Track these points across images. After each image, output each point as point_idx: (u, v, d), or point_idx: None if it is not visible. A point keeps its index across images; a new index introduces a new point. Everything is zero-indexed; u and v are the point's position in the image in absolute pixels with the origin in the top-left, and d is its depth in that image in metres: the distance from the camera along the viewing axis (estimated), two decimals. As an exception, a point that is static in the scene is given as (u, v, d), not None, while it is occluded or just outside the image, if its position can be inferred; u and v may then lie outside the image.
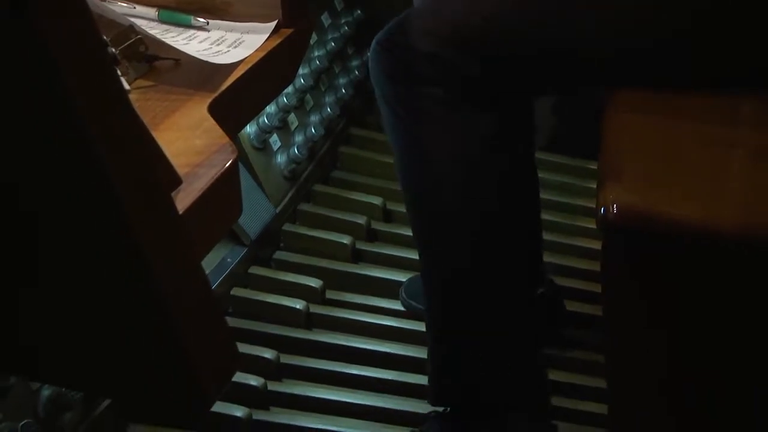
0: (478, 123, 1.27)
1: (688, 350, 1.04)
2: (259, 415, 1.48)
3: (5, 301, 0.75)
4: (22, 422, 1.23)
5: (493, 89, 1.26)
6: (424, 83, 1.26)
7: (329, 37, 2.06)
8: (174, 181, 0.74)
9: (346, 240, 1.81)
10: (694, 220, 0.94)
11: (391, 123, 1.33)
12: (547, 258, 1.64)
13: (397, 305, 1.71)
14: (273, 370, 1.56)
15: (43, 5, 0.56)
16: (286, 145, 1.88)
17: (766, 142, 1.04)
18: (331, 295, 1.73)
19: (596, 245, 1.06)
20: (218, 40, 0.98)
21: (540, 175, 1.48)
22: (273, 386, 1.54)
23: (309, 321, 1.67)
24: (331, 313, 1.69)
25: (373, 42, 1.32)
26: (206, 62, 0.92)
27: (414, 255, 1.80)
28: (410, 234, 1.84)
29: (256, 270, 1.74)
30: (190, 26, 1.01)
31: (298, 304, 1.66)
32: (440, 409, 1.44)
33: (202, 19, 1.00)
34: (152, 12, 1.01)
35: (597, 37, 1.17)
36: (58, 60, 0.57)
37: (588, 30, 1.18)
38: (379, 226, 1.89)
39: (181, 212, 0.71)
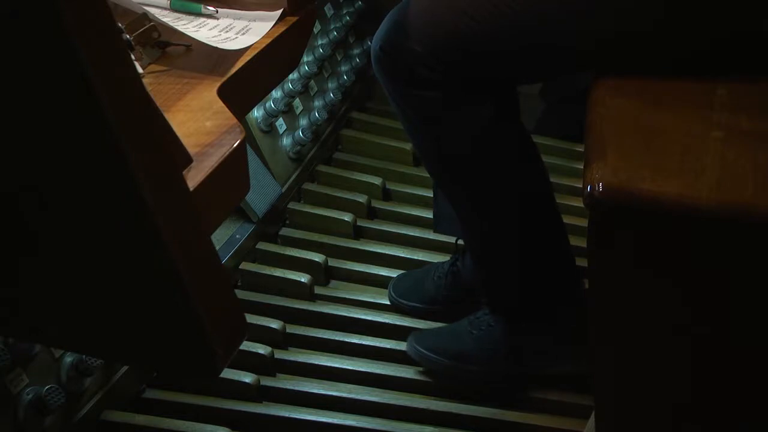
0: (478, 113, 1.29)
1: (672, 323, 1.05)
2: (267, 381, 1.49)
3: (29, 273, 0.75)
4: (47, 386, 1.24)
5: (487, 83, 1.27)
6: (424, 86, 1.26)
7: (332, 26, 2.05)
8: (185, 159, 0.74)
9: (347, 217, 1.81)
10: (674, 197, 0.94)
11: (401, 117, 1.36)
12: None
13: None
14: (279, 339, 1.57)
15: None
16: (291, 128, 1.88)
17: (740, 123, 1.04)
18: (333, 269, 1.73)
19: (582, 222, 1.06)
20: (227, 27, 0.97)
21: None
22: (279, 354, 1.54)
23: (313, 293, 1.67)
24: (334, 286, 1.70)
25: (375, 45, 1.31)
26: (216, 48, 0.92)
27: (411, 231, 1.81)
28: (408, 212, 1.86)
29: (263, 245, 1.74)
30: (200, 14, 1.00)
31: (303, 278, 1.66)
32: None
33: (211, 8, 1.00)
34: (164, 1, 1.01)
35: (577, 29, 1.18)
36: (77, 46, 0.57)
37: (569, 22, 1.18)
38: (379, 204, 1.89)
39: (191, 189, 0.71)
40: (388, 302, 1.66)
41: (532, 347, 1.47)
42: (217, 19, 1.00)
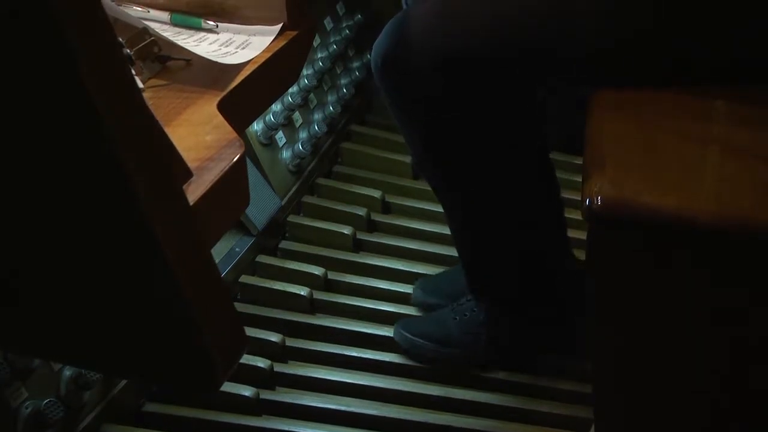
0: (481, 131, 1.30)
1: (672, 336, 1.05)
2: (266, 395, 1.49)
3: (26, 286, 0.75)
4: (46, 400, 1.24)
5: (491, 104, 1.27)
6: (425, 101, 1.27)
7: (331, 39, 2.06)
8: (185, 173, 0.74)
9: (347, 230, 1.82)
10: (673, 210, 0.94)
11: (402, 130, 1.37)
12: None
13: (395, 290, 1.71)
14: (279, 353, 1.57)
15: (65, 12, 0.56)
16: (291, 141, 1.88)
17: (738, 136, 1.04)
18: (333, 282, 1.74)
19: (581, 235, 1.07)
20: (227, 41, 0.98)
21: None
22: (279, 367, 1.54)
23: (312, 306, 1.67)
24: (334, 299, 1.70)
25: (376, 58, 1.31)
26: (216, 62, 0.92)
27: (410, 245, 1.81)
28: (407, 225, 1.86)
29: (262, 258, 1.74)
30: (200, 29, 1.01)
31: (303, 291, 1.66)
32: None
33: (211, 22, 1.00)
34: (165, 15, 1.01)
35: (576, 38, 1.18)
36: (78, 61, 0.58)
37: (568, 32, 1.18)
38: (379, 217, 1.89)
39: (191, 203, 0.71)
40: (388, 314, 1.66)
41: (510, 336, 1.50)
42: (217, 33, 1.00)
